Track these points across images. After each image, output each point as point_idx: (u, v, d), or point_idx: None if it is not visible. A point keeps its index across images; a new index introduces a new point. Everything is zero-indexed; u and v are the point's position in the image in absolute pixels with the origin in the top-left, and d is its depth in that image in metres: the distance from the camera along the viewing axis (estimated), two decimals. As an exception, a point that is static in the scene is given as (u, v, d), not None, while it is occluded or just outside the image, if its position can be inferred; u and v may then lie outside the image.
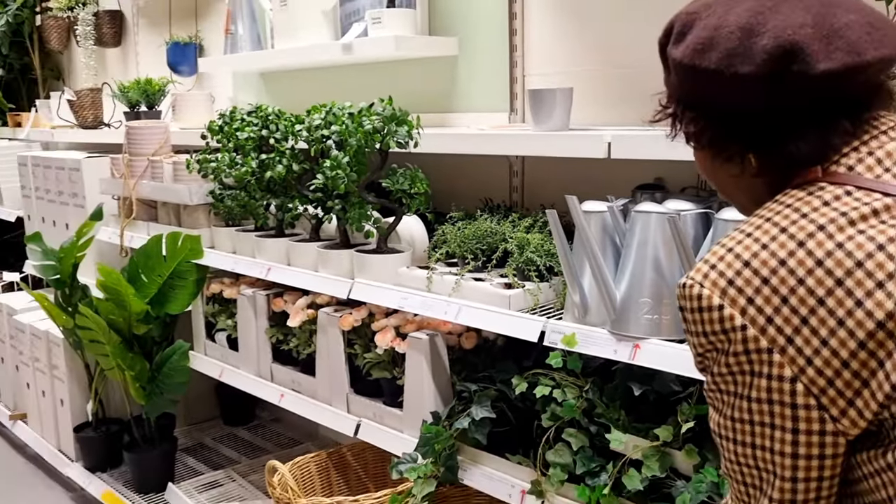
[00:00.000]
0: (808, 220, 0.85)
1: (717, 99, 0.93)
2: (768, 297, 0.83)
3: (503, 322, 1.82)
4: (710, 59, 0.90)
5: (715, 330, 0.87)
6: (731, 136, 0.94)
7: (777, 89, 0.88)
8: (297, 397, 2.49)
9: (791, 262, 0.83)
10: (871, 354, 0.79)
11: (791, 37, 0.86)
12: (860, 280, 0.80)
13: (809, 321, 0.81)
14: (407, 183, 2.16)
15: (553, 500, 1.76)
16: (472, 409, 1.92)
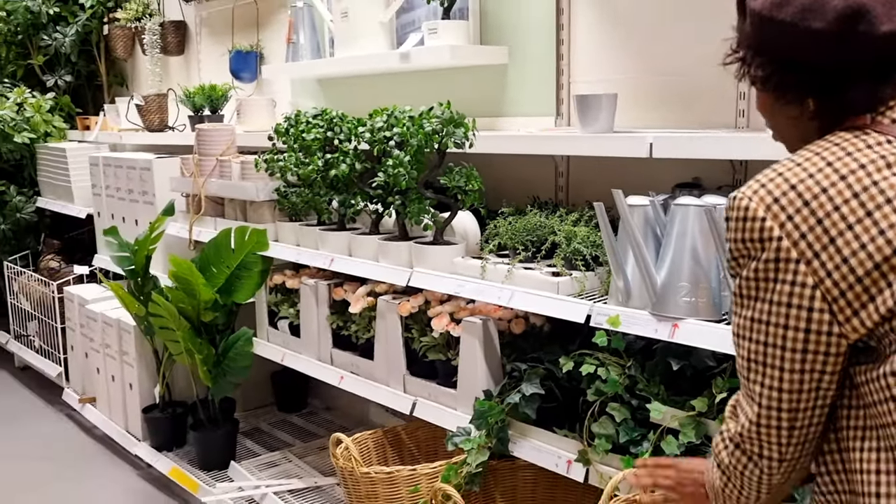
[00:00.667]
0: (852, 159, 1.00)
1: (788, 49, 1.05)
2: (806, 217, 0.99)
3: (553, 305, 2.01)
4: (787, 12, 1.03)
5: (753, 238, 1.02)
6: (796, 82, 1.07)
7: (843, 45, 1.01)
8: (355, 379, 2.69)
9: (832, 191, 0.98)
10: (882, 275, 0.95)
11: (859, 0, 0.99)
12: (886, 214, 0.96)
13: (836, 241, 0.97)
14: (462, 180, 2.35)
15: (598, 468, 1.93)
16: (523, 385, 2.11)
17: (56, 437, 4.02)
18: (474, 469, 2.09)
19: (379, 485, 2.25)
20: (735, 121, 2.23)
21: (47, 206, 4.84)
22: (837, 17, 1.00)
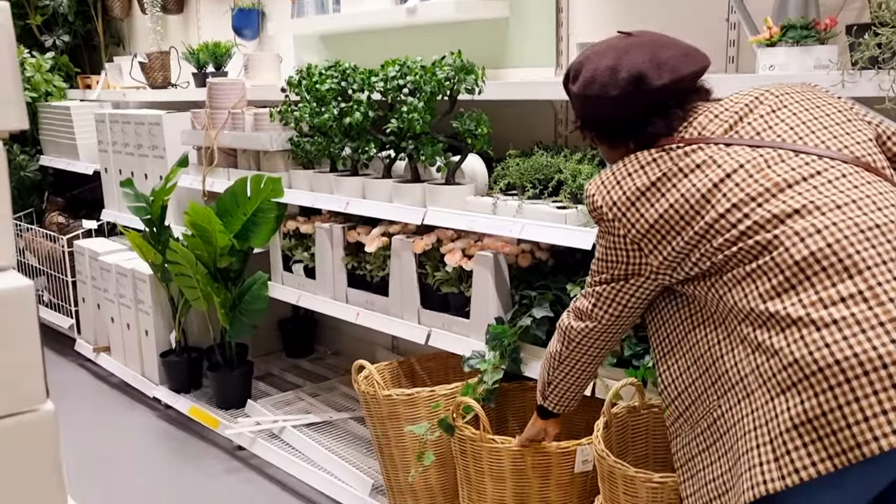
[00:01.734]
0: (655, 164, 1.51)
1: (602, 113, 1.59)
2: (624, 200, 1.52)
3: (561, 234, 2.20)
4: (593, 89, 1.55)
5: (596, 212, 1.58)
6: (615, 134, 1.62)
7: (635, 100, 1.52)
8: (371, 314, 2.88)
9: (642, 186, 1.51)
10: (658, 232, 1.49)
11: (637, 67, 1.50)
12: (666, 195, 1.49)
13: (638, 210, 1.51)
14: (473, 124, 2.52)
15: (604, 381, 2.14)
16: (533, 310, 2.31)
17: (72, 384, 4.19)
18: (490, 386, 2.29)
19: (400, 406, 2.45)
20: (725, 66, 2.42)
21: (51, 164, 4.95)
22: (626, 83, 1.51)
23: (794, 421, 1.28)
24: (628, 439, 2.12)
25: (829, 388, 1.25)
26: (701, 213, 1.44)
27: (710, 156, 1.46)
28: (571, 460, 2.10)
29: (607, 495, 1.91)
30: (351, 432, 3.28)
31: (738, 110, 1.54)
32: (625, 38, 1.60)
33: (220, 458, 3.34)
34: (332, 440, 3.18)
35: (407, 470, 2.48)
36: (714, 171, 1.45)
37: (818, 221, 1.35)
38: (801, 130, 1.49)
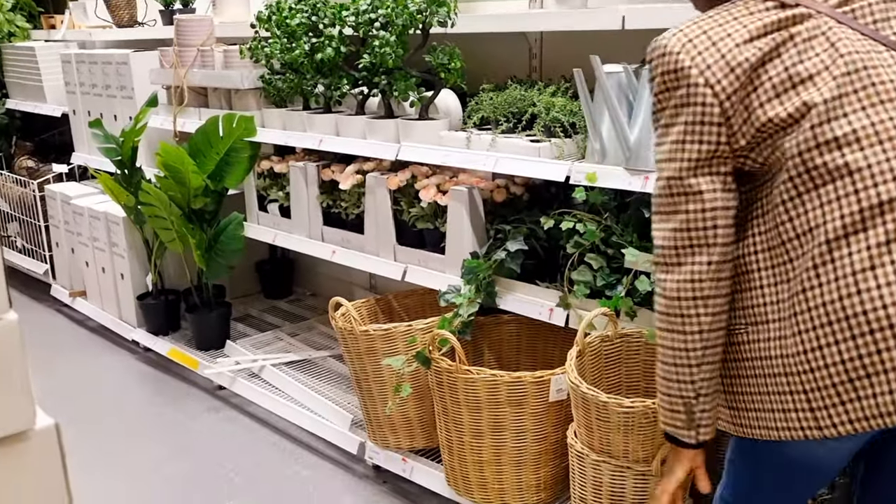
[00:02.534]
0: (752, 15, 1.28)
1: None
2: (712, 52, 1.26)
3: (535, 167, 2.20)
4: None
5: (670, 69, 1.28)
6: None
7: None
8: (347, 252, 2.88)
9: (735, 35, 1.27)
10: (767, 98, 1.25)
11: None
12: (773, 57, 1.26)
13: (735, 70, 1.25)
14: (446, 58, 2.49)
15: (577, 312, 2.17)
16: (508, 243, 2.32)
17: (49, 329, 4.18)
18: (466, 319, 2.31)
19: (377, 341, 2.47)
20: (700, -4, 2.39)
21: (17, 107, 4.83)
22: None
23: (839, 377, 1.19)
24: (602, 367, 2.16)
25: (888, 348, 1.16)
26: (799, 94, 1.23)
27: (822, 31, 1.25)
28: (546, 389, 2.14)
29: (581, 421, 1.96)
30: (330, 370, 3.31)
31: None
32: None
33: (201, 398, 3.37)
34: (311, 378, 3.21)
35: (385, 403, 2.52)
36: (827, 50, 1.24)
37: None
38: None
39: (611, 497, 1.93)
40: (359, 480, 2.75)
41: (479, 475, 2.27)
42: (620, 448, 1.88)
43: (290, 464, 2.86)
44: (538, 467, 2.23)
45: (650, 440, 1.83)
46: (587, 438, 1.95)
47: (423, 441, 2.58)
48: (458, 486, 2.36)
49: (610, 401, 1.83)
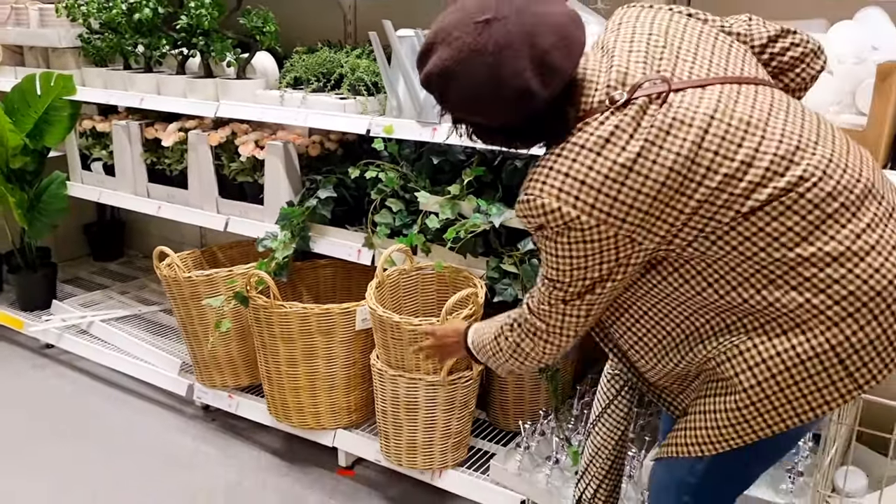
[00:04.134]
0: (608, 146, 1.28)
1: (488, 124, 1.37)
2: (604, 198, 1.27)
3: (340, 121, 2.44)
4: (476, 108, 1.31)
5: (558, 224, 1.29)
6: (517, 137, 1.39)
7: (526, 109, 1.29)
8: (172, 207, 3.01)
9: (618, 170, 1.26)
10: (650, 214, 1.28)
11: (521, 80, 1.24)
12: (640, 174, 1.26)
13: (628, 201, 1.27)
14: (260, 21, 2.67)
15: (380, 251, 2.44)
16: (319, 191, 2.55)
17: None
18: (281, 261, 2.53)
19: (200, 286, 2.64)
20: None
21: None
22: (513, 99, 1.28)
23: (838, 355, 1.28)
24: (401, 297, 2.45)
25: (884, 310, 1.26)
26: (696, 180, 1.26)
27: (672, 115, 1.27)
28: (352, 320, 2.40)
29: (380, 342, 2.24)
30: (160, 323, 3.42)
31: (647, 42, 1.35)
32: (479, 25, 1.27)
33: (27, 357, 3.39)
34: (140, 331, 3.31)
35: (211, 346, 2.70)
36: (686, 129, 1.26)
37: (816, 159, 1.28)
38: (707, 59, 1.36)
39: (406, 406, 2.23)
40: (189, 420, 2.92)
41: (297, 401, 2.51)
42: (413, 363, 2.17)
43: (122, 411, 2.98)
44: (349, 391, 2.50)
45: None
46: (385, 357, 2.23)
47: (247, 378, 2.79)
48: (278, 413, 2.59)
49: (401, 321, 2.12)
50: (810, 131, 1.32)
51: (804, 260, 1.27)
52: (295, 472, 2.61)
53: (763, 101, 1.32)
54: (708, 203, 1.27)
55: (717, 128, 1.26)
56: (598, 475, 1.77)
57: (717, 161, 1.26)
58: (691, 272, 1.35)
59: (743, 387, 1.34)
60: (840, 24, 1.82)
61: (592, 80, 1.34)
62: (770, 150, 1.27)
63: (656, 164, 1.25)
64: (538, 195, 1.30)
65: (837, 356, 1.28)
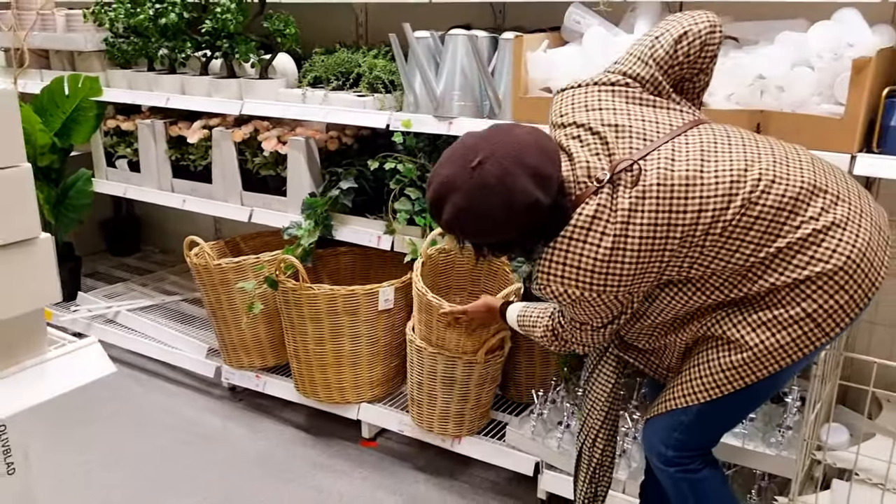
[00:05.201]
0: (592, 235, 1.56)
1: (508, 241, 1.62)
2: (598, 277, 1.56)
3: (361, 117, 2.63)
4: (494, 234, 1.58)
5: (566, 300, 1.61)
6: (531, 241, 1.63)
7: (535, 218, 1.54)
8: (197, 200, 3.19)
9: (604, 252, 1.55)
10: (633, 278, 1.57)
11: (528, 195, 1.50)
12: (627, 252, 1.55)
13: (619, 271, 1.55)
14: (281, 24, 2.86)
15: (400, 237, 2.63)
16: (340, 182, 2.74)
17: None
18: (307, 247, 2.72)
19: (229, 273, 2.82)
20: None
21: None
22: (523, 213, 1.52)
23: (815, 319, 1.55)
24: (436, 276, 2.64)
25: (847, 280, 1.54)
26: (668, 236, 1.54)
27: (633, 194, 1.53)
28: (376, 300, 2.59)
29: (422, 321, 2.41)
30: (183, 312, 3.60)
31: (600, 127, 1.61)
32: (476, 168, 1.52)
33: (56, 345, 3.55)
34: (166, 319, 3.49)
35: (239, 327, 2.88)
36: (646, 202, 1.52)
37: (761, 172, 1.54)
38: (644, 128, 1.61)
39: (443, 380, 2.42)
40: (216, 400, 3.10)
41: (324, 377, 2.70)
42: (453, 343, 2.36)
43: (152, 393, 3.16)
44: (372, 367, 2.69)
45: (475, 335, 2.34)
46: (426, 334, 2.41)
47: (273, 360, 2.98)
48: (305, 390, 2.78)
49: (446, 306, 2.29)
50: (750, 152, 1.58)
51: (779, 251, 1.55)
52: (321, 444, 2.80)
53: (704, 144, 1.58)
54: (687, 243, 1.55)
55: (670, 192, 1.53)
56: (594, 426, 1.99)
57: (679, 216, 1.53)
58: (697, 285, 1.64)
59: (749, 345, 1.61)
60: (819, 23, 2.02)
61: (569, 178, 1.60)
62: (721, 184, 1.53)
63: (631, 240, 1.53)
64: (546, 283, 1.60)
65: (814, 320, 1.57)
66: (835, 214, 1.56)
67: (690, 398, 1.70)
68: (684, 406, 1.71)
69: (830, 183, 1.59)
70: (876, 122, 1.92)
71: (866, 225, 1.58)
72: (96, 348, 1.64)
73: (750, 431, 2.17)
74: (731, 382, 1.65)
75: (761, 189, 1.54)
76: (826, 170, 1.63)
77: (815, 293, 1.55)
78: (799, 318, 1.57)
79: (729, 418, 1.79)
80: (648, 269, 1.57)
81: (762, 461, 2.11)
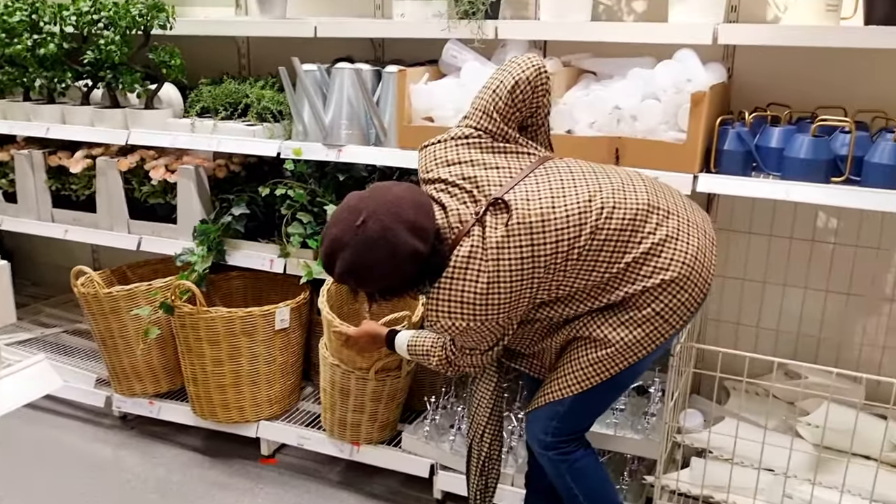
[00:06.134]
0: (482, 264, 1.79)
1: (394, 285, 1.81)
2: (484, 305, 1.79)
3: (252, 145, 2.74)
4: (382, 281, 1.79)
5: (463, 328, 1.81)
6: (413, 284, 1.83)
7: (416, 265, 1.76)
8: (81, 230, 3.18)
9: (478, 289, 1.78)
10: (507, 308, 1.82)
11: (409, 246, 1.72)
12: (502, 289, 1.80)
13: (502, 297, 1.79)
14: (167, 56, 2.93)
15: (293, 260, 2.75)
16: (233, 209, 2.83)
17: None
18: (201, 273, 2.78)
19: (121, 300, 2.84)
20: (373, 12, 3.09)
21: None
22: (407, 262, 1.74)
23: (663, 316, 1.84)
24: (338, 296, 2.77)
25: (686, 283, 1.84)
26: (534, 266, 1.79)
27: (498, 235, 1.78)
28: (272, 321, 2.70)
29: (326, 335, 2.53)
30: (64, 344, 3.54)
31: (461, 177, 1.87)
32: (361, 227, 1.73)
33: (-75, 385, 3.40)
34: (47, 352, 3.42)
35: (130, 355, 2.90)
36: (511, 240, 1.78)
37: (605, 199, 1.82)
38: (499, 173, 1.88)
39: (341, 390, 2.55)
40: (108, 430, 3.09)
41: (222, 398, 2.77)
42: (349, 357, 2.50)
43: (38, 428, 3.10)
44: (270, 385, 2.79)
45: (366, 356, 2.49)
46: (329, 347, 2.54)
47: (167, 385, 3.01)
48: (203, 412, 2.83)
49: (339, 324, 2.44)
50: (591, 183, 1.86)
51: (629, 265, 1.84)
52: (220, 465, 2.86)
53: (552, 182, 1.85)
54: (552, 270, 1.81)
55: (530, 230, 1.79)
56: (481, 422, 2.20)
57: (541, 248, 1.79)
58: (565, 301, 1.90)
59: (612, 341, 1.88)
60: (663, 62, 2.34)
61: (444, 225, 1.83)
62: (571, 216, 1.80)
63: (503, 274, 1.78)
64: (436, 318, 1.82)
65: (662, 317, 1.87)
66: (668, 228, 1.85)
67: (565, 391, 1.95)
68: (560, 398, 1.96)
69: (661, 200, 1.89)
70: (712, 147, 2.25)
71: (694, 232, 1.89)
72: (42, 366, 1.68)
73: (620, 421, 2.44)
74: (599, 374, 1.91)
75: (605, 216, 1.82)
76: (658, 189, 1.93)
77: (662, 295, 1.85)
78: (650, 316, 1.86)
79: (598, 405, 2.07)
80: (522, 295, 1.82)
81: (631, 446, 2.39)
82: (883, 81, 2.45)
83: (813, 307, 2.69)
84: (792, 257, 2.68)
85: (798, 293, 2.71)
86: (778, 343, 2.75)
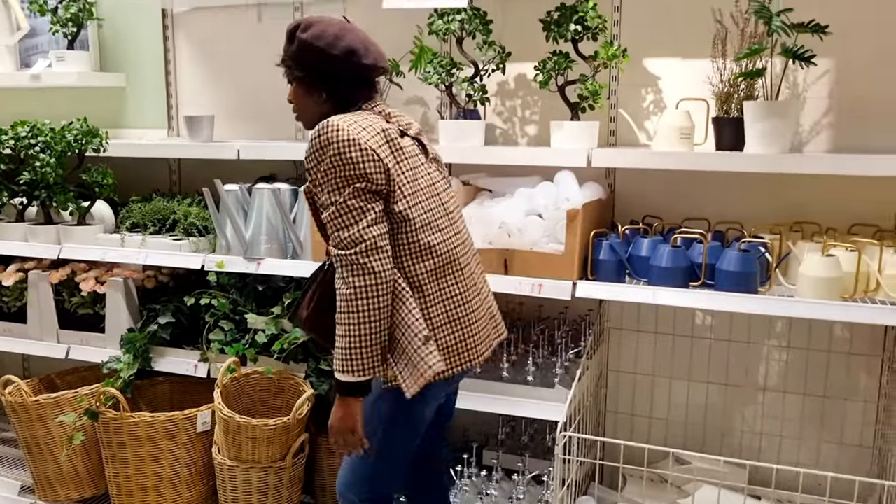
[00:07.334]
0: (367, 118, 1.98)
1: (314, 62, 1.99)
2: (373, 145, 1.91)
3: (178, 259, 2.94)
4: (319, 43, 1.95)
5: (344, 150, 1.89)
6: (318, 83, 2.01)
7: (346, 65, 1.96)
8: (10, 340, 3.30)
9: (379, 139, 1.94)
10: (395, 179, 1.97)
11: (353, 44, 1.96)
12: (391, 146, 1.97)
13: (382, 158, 1.92)
14: (100, 176, 3.15)
15: (215, 365, 2.92)
16: (159, 318, 3.01)
17: None
18: (127, 379, 2.92)
19: (47, 408, 2.95)
20: (295, 134, 3.38)
21: None
22: (343, 51, 1.96)
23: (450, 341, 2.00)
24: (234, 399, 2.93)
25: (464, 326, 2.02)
26: (404, 179, 1.96)
27: (409, 145, 2.02)
28: (194, 424, 2.84)
29: (224, 439, 2.69)
30: (-10, 453, 3.58)
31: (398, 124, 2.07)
32: (347, 23, 2.03)
33: None
34: (-29, 462, 3.46)
35: (55, 462, 2.99)
36: (410, 152, 2.01)
37: (449, 232, 2.04)
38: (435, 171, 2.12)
39: (242, 488, 2.69)
40: (30, 538, 3.13)
41: (144, 501, 2.87)
42: (247, 452, 2.65)
43: (-43, 538, 3.12)
44: (192, 486, 2.90)
45: (271, 445, 2.65)
46: (227, 451, 2.69)
47: (91, 490, 3.09)
48: (125, 516, 2.92)
49: (241, 421, 2.60)
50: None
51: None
52: (141, 569, 2.92)
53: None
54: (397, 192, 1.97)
55: (422, 174, 2.06)
56: None
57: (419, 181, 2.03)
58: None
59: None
60: (544, 182, 2.66)
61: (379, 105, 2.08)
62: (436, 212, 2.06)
63: (399, 150, 1.99)
64: (331, 127, 1.90)
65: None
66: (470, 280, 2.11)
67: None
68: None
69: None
70: (588, 257, 2.54)
71: None
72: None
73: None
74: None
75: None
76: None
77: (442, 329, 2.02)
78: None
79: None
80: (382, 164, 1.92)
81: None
82: (735, 197, 2.81)
83: (697, 397, 2.96)
84: (676, 352, 2.96)
85: (683, 385, 2.97)
86: (668, 432, 3.00)
